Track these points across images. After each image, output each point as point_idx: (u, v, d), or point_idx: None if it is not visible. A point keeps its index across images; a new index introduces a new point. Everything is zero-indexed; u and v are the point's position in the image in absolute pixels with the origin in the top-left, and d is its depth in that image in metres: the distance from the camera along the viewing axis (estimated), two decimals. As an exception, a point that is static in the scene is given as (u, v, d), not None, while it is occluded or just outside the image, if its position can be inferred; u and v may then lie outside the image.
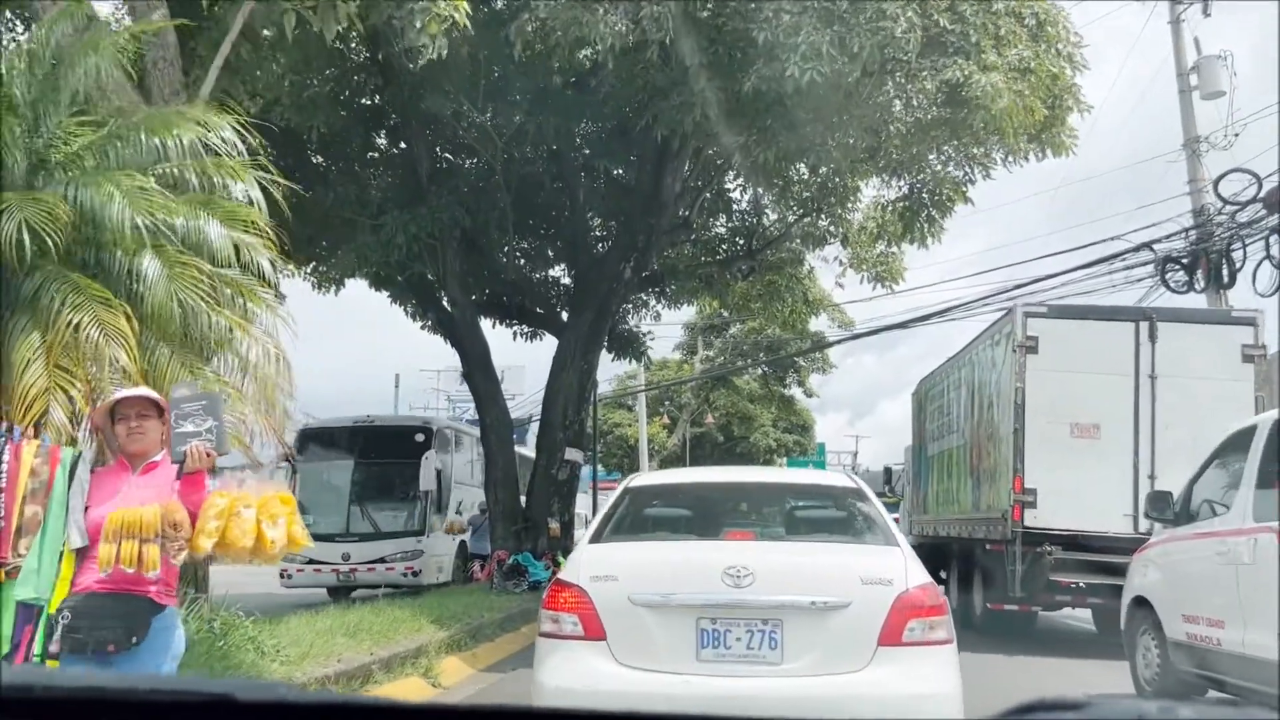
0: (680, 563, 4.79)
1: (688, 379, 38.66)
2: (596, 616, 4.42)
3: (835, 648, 4.30)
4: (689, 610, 4.38)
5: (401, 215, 14.17)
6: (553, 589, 4.72)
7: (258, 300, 5.52)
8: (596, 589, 4.48)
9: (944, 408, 14.98)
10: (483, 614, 10.64)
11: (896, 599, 4.31)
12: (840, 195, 17.10)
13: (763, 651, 4.31)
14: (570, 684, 4.31)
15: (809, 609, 4.35)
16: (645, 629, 4.40)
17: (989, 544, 12.02)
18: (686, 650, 4.34)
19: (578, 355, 16.20)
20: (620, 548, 5.04)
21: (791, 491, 6.23)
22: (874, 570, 4.50)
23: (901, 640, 4.26)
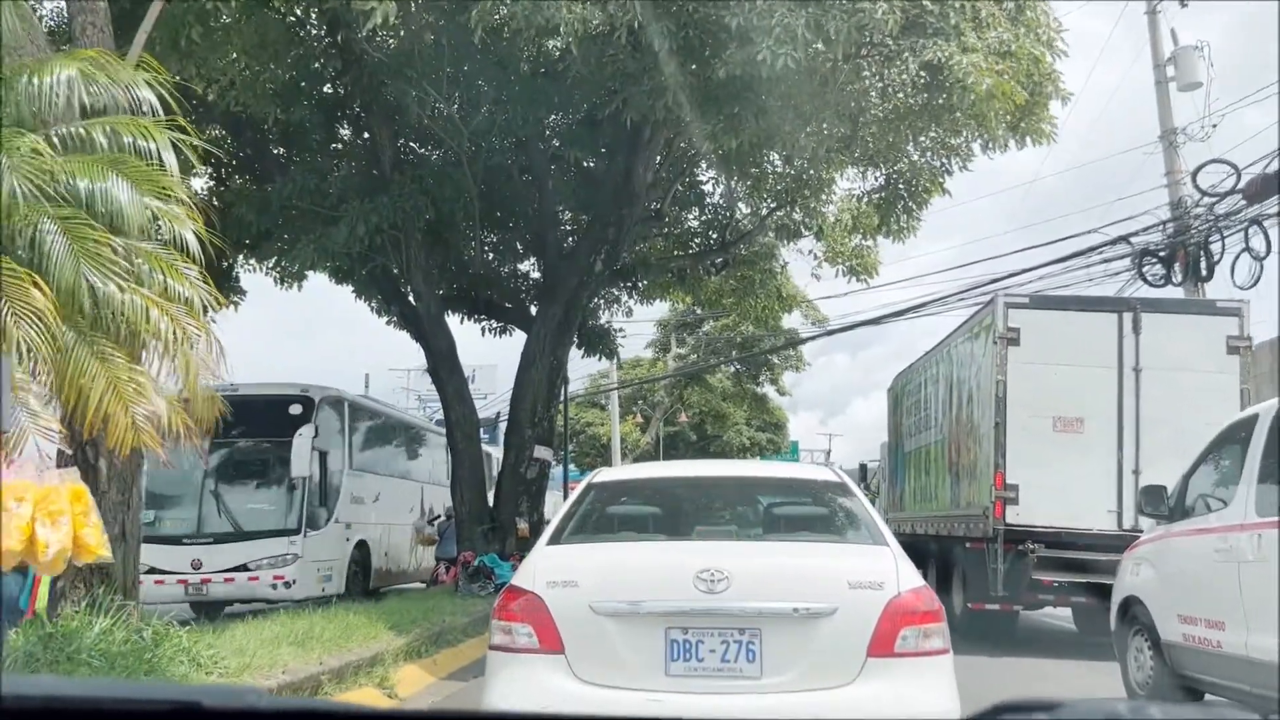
0: (648, 566, 4.32)
1: (660, 377, 38.28)
2: (554, 627, 3.94)
3: (820, 659, 3.89)
4: (657, 619, 3.93)
5: (362, 205, 13.67)
6: (505, 596, 4.22)
7: (179, 276, 5.02)
8: (554, 596, 4.01)
9: (921, 403, 14.66)
10: (445, 618, 10.18)
11: (888, 605, 3.90)
12: (815, 187, 16.75)
13: (739, 664, 3.88)
14: (522, 704, 3.80)
15: (791, 616, 3.93)
16: (608, 641, 3.94)
17: (969, 542, 11.69)
18: (654, 664, 3.89)
19: (546, 350, 15.75)
20: (581, 550, 4.57)
21: (769, 486, 5.72)
22: (862, 573, 4.07)
23: (894, 650, 3.85)
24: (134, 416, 4.26)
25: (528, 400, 15.66)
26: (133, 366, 4.40)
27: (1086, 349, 10.69)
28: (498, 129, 15.42)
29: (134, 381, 4.34)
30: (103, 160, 4.51)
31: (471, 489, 15.40)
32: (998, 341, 10.83)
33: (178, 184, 4.83)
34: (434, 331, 15.53)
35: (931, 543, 13.94)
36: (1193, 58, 16.78)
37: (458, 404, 15.69)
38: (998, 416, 10.75)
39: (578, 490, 5.24)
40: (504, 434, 16.95)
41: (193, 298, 4.99)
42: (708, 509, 5.59)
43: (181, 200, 4.89)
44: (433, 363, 15.81)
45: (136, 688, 2.20)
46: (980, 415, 11.39)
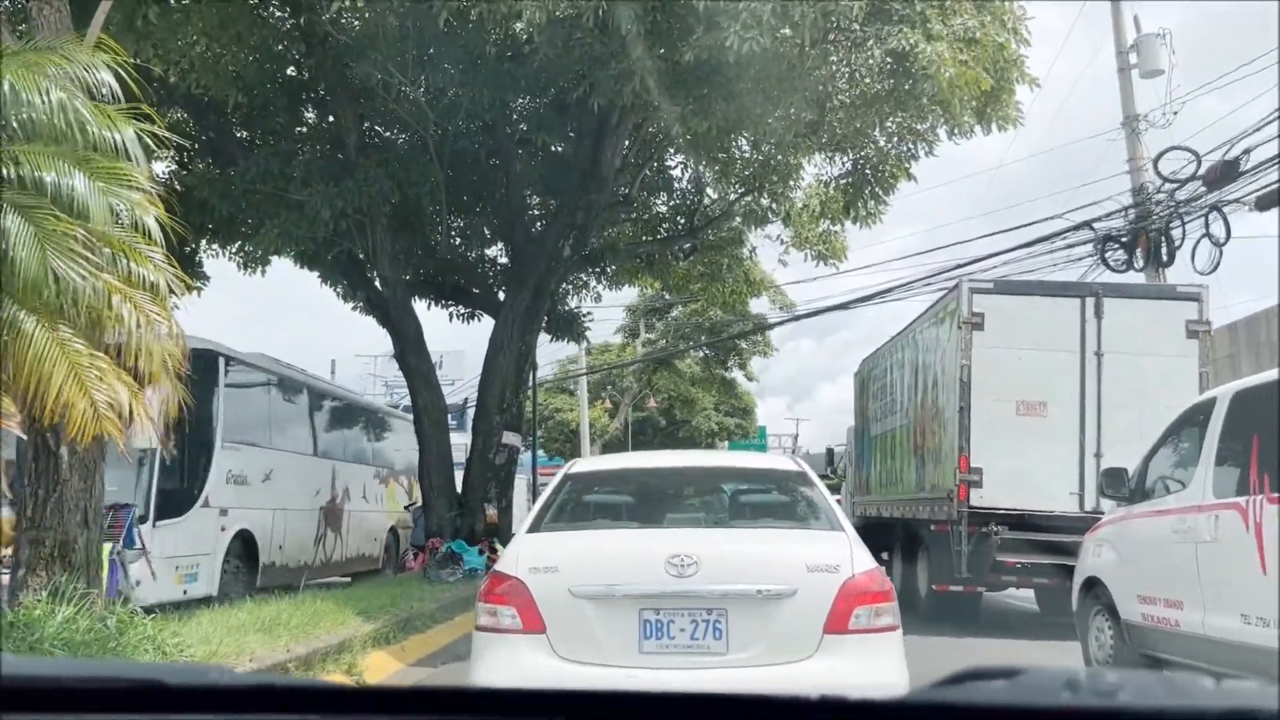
0: (622, 552, 4.56)
1: (629, 362, 38.29)
2: (535, 609, 4.21)
3: (781, 637, 4.15)
4: (631, 601, 4.18)
5: (327, 189, 13.52)
6: (490, 580, 4.49)
7: (142, 260, 4.93)
8: (535, 580, 4.27)
9: (887, 388, 14.78)
10: (413, 604, 10.15)
11: (843, 586, 4.18)
12: (783, 173, 16.79)
13: (707, 642, 4.13)
14: (507, 680, 3.98)
15: (754, 598, 4.18)
16: (586, 621, 4.20)
17: (934, 524, 11.82)
18: (629, 642, 4.15)
19: (515, 336, 15.70)
20: (560, 537, 4.87)
21: (735, 476, 6.08)
22: (820, 557, 4.33)
23: (848, 628, 4.14)
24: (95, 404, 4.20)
25: (496, 386, 15.61)
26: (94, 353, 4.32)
27: (1049, 334, 10.83)
28: (464, 113, 15.30)
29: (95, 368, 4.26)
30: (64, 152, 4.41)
31: (440, 474, 15.34)
32: (962, 326, 10.94)
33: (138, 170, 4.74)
34: (401, 316, 15.43)
35: (897, 525, 14.09)
36: (1155, 45, 16.97)
37: (425, 390, 15.62)
38: (962, 401, 10.87)
39: (555, 480, 5.46)
40: (472, 420, 16.87)
41: (158, 282, 4.91)
42: (678, 497, 5.76)
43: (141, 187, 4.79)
44: (399, 348, 15.71)
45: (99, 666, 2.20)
46: (945, 399, 11.50)
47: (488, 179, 17.24)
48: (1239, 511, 5.33)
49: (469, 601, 11.92)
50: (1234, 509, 5.37)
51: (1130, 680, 1.03)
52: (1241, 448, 5.44)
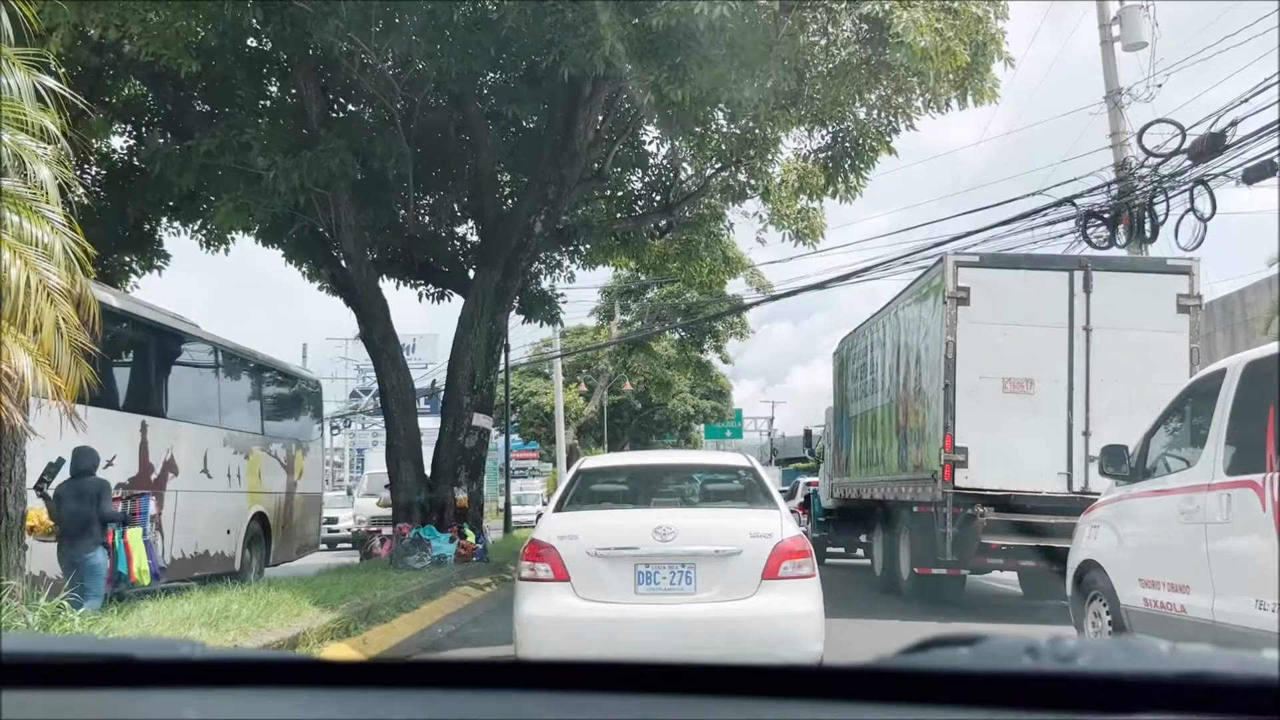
0: (622, 525, 6.21)
1: (605, 344, 37.80)
2: (563, 565, 5.77)
3: (732, 582, 5.77)
4: (629, 558, 5.80)
5: (284, 161, 12.94)
6: (530, 546, 5.99)
7: (37, 219, 4.40)
8: (562, 545, 5.84)
9: (867, 366, 14.41)
10: (377, 593, 9.71)
11: (775, 547, 5.81)
12: (760, 147, 16.36)
13: (681, 586, 5.77)
14: (545, 613, 5.72)
15: (714, 555, 5.82)
16: (598, 573, 5.79)
17: (917, 506, 11.48)
18: (628, 586, 5.77)
19: (485, 314, 15.21)
20: (578, 515, 6.40)
21: (702, 470, 7.95)
22: (759, 527, 5.98)
23: (779, 575, 5.75)
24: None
25: (466, 366, 15.13)
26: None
27: (1037, 308, 10.47)
28: (431, 84, 14.76)
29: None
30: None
31: (408, 458, 14.85)
32: (947, 301, 10.56)
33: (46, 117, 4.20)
34: (366, 295, 14.90)
35: (878, 507, 13.75)
36: (1138, 17, 16.61)
37: (392, 370, 15.11)
38: (947, 378, 10.51)
39: (570, 474, 7.21)
40: (441, 402, 16.37)
41: (54, 244, 4.37)
42: (660, 485, 7.47)
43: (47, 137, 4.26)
44: (365, 327, 15.19)
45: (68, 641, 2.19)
46: (929, 377, 11.14)
47: (457, 154, 16.70)
48: (1254, 490, 4.96)
49: (435, 589, 11.53)
50: (1248, 487, 5.01)
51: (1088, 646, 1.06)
52: (1256, 422, 5.06)
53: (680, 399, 46.98)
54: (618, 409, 47.14)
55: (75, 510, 8.22)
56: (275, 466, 14.68)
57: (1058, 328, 10.45)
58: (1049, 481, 10.29)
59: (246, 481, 13.66)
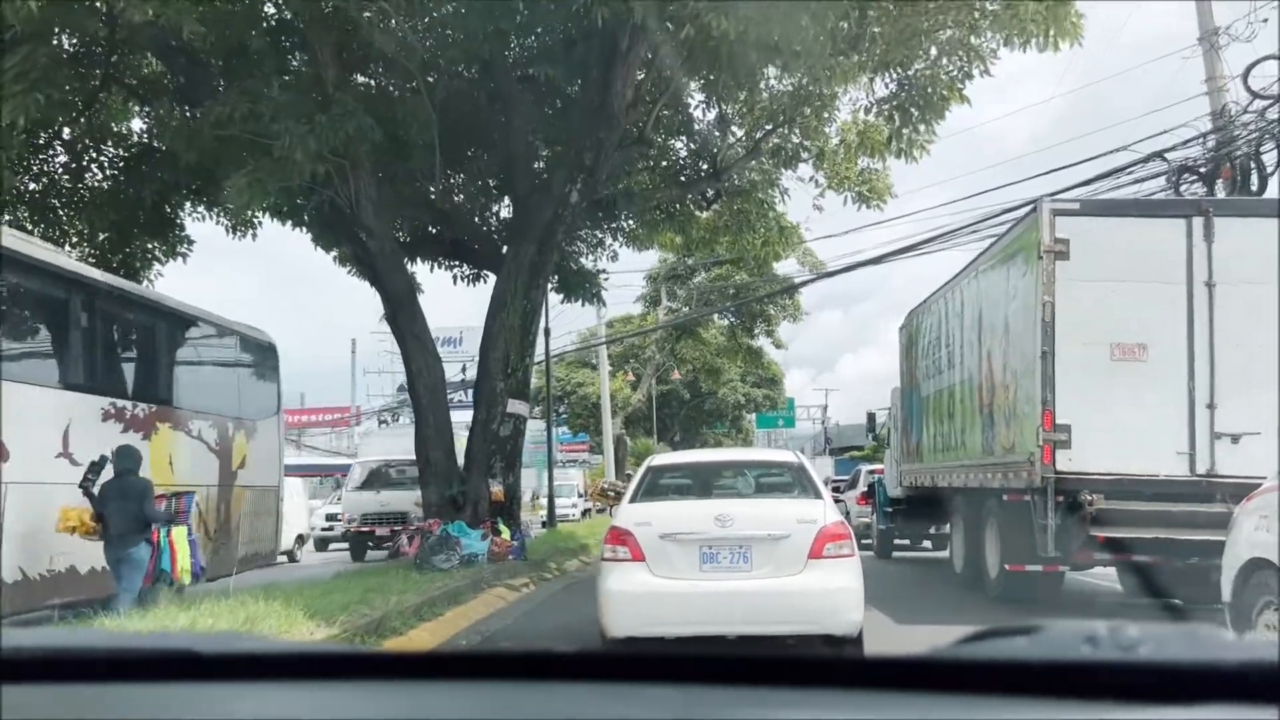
0: (688, 513, 6.91)
1: (652, 328, 36.46)
2: (639, 547, 6.56)
3: (783, 561, 6.50)
4: (695, 541, 6.56)
5: (298, 127, 11.82)
6: (611, 532, 6.81)
7: None
8: (638, 530, 6.63)
9: (942, 339, 12.97)
10: (391, 599, 8.54)
11: (819, 531, 6.53)
12: (816, 105, 14.96)
13: (739, 564, 6.53)
14: (625, 588, 6.52)
15: (766, 538, 6.56)
16: (668, 553, 6.55)
17: (1007, 494, 10.06)
18: (694, 565, 6.54)
19: (519, 292, 14.01)
20: (650, 505, 7.18)
21: (755, 465, 8.84)
22: (805, 514, 6.70)
23: (823, 555, 6.46)
24: None
25: (499, 348, 13.95)
26: None
27: (1149, 262, 9.00)
28: (458, 46, 13.62)
29: None
30: None
31: (438, 448, 13.71)
32: (1043, 256, 9.13)
33: None
34: (390, 273, 13.76)
35: (956, 496, 12.33)
36: (1237, -53, 14.92)
37: (419, 354, 13.96)
38: (1045, 345, 9.07)
39: (641, 470, 7.98)
40: (474, 386, 15.20)
41: None
42: (719, 478, 8.30)
43: None
44: (390, 309, 14.05)
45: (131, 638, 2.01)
46: (1021, 346, 9.70)
47: (487, 124, 15.49)
48: None
49: (462, 593, 10.37)
50: None
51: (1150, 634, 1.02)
52: None
53: (731, 387, 45.56)
54: (666, 399, 45.84)
55: (119, 509, 8.43)
56: (199, 451, 11.33)
57: (1174, 284, 8.98)
58: (1167, 463, 8.84)
59: (150, 468, 10.20)
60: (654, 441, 42.94)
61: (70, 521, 8.83)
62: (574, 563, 16.06)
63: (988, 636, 1.11)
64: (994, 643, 1.09)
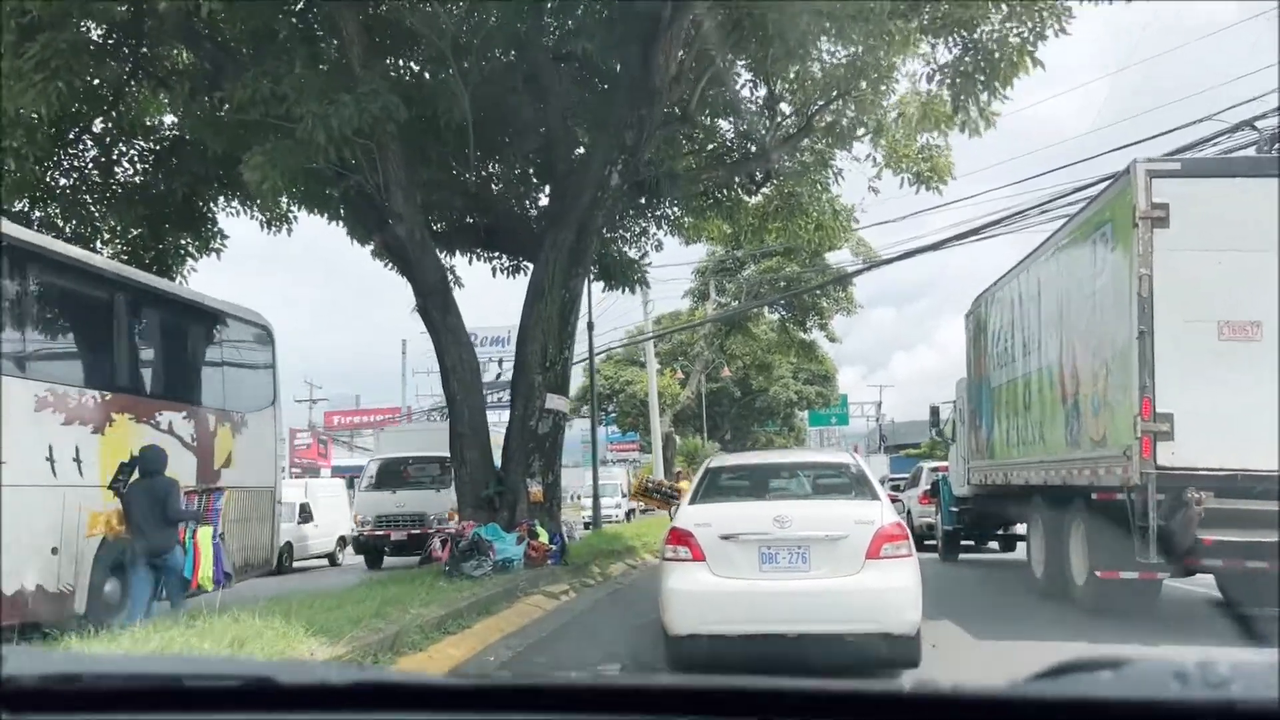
0: (747, 514, 7.08)
1: (700, 322, 35.49)
2: (700, 547, 6.74)
3: (840, 561, 6.64)
4: (754, 541, 6.73)
5: (321, 107, 11.13)
6: (672, 532, 7.01)
7: None
8: (698, 531, 6.81)
9: (1015, 324, 11.91)
10: (410, 611, 7.75)
11: (876, 532, 6.67)
12: (873, 79, 13.97)
13: (797, 564, 6.68)
14: (686, 587, 6.68)
15: (824, 539, 6.70)
16: (728, 553, 6.73)
17: (1096, 492, 9.02)
18: (753, 565, 6.70)
19: (557, 280, 13.20)
20: (711, 506, 7.29)
21: (812, 467, 8.69)
22: (862, 515, 6.88)
23: (880, 555, 6.61)
24: None
25: (536, 340, 13.15)
26: None
27: (1262, 228, 7.90)
28: (493, 24, 12.88)
29: None
30: None
31: (473, 446, 12.94)
32: (1138, 224, 8.08)
33: None
34: (421, 261, 13.02)
35: (1035, 495, 11.27)
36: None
37: (453, 346, 13.21)
38: (1141, 324, 8.04)
39: (700, 472, 8.15)
40: (511, 381, 14.41)
41: None
42: (777, 480, 8.36)
43: None
44: (421, 299, 13.31)
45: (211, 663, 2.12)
46: (1112, 327, 8.66)
47: (522, 106, 14.70)
48: None
49: (494, 602, 9.56)
50: None
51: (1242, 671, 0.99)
52: None
53: (783, 384, 44.44)
54: (716, 396, 44.83)
55: (146, 511, 8.29)
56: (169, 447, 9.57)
57: (1293, 252, 7.88)
58: (1287, 456, 7.74)
59: (100, 469, 8.88)
60: (703, 440, 41.99)
61: (98, 525, 8.61)
62: (619, 566, 15.22)
63: (1071, 670, 1.07)
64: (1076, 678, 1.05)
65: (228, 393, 11.56)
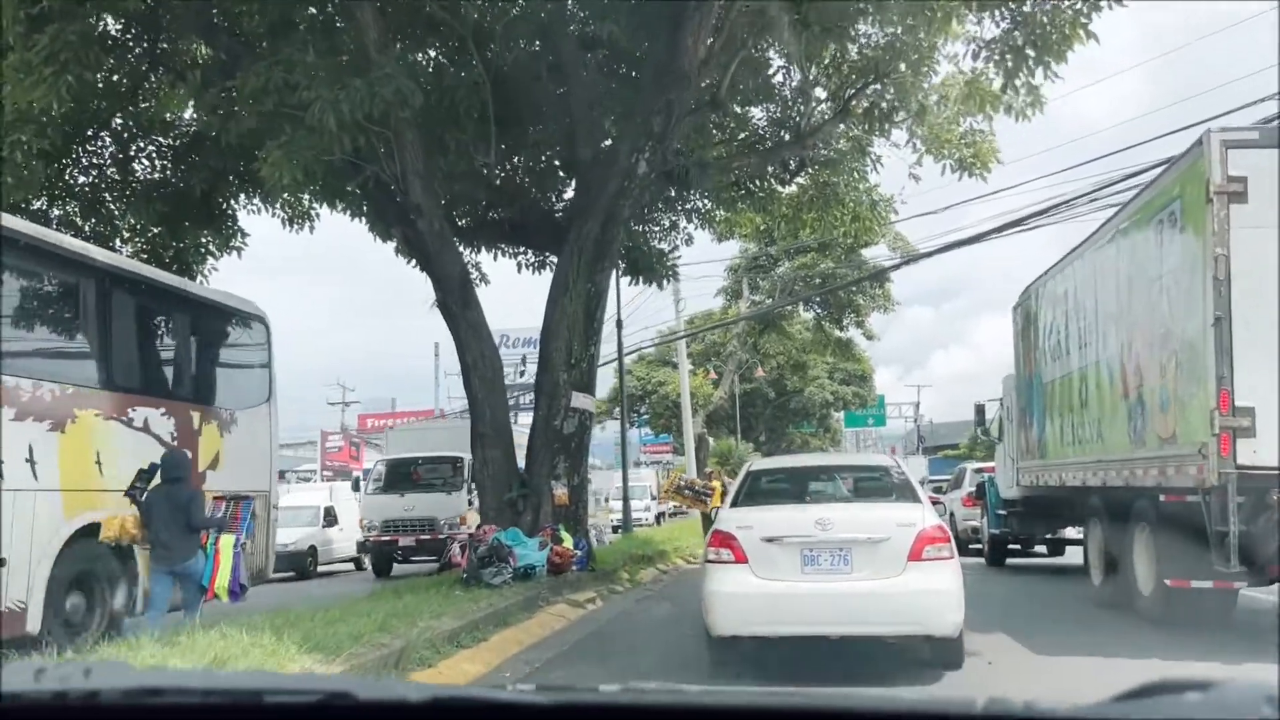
0: (789, 517, 7.08)
1: (732, 320, 34.78)
2: (742, 550, 6.76)
3: (882, 563, 6.61)
4: (796, 544, 6.73)
5: (332, 93, 10.63)
6: (714, 535, 7.09)
7: None
8: (740, 533, 6.84)
9: (1068, 316, 11.17)
10: (420, 623, 7.20)
11: (918, 534, 6.63)
12: (913, 60, 13.28)
13: (839, 567, 6.66)
14: (728, 589, 6.71)
15: (866, 542, 6.67)
16: (771, 556, 6.74)
17: (1165, 493, 8.30)
18: (795, 567, 6.70)
19: (582, 273, 12.63)
20: (752, 509, 7.38)
21: (853, 470, 9.02)
22: (904, 517, 6.85)
23: (922, 557, 6.57)
24: None
25: (561, 336, 12.58)
26: None
27: (1354, 202, 7.17)
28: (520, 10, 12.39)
29: None
30: None
31: (495, 446, 12.39)
32: (1213, 199, 7.36)
33: None
34: (440, 253, 12.49)
35: (1093, 497, 10.53)
36: None
37: (474, 343, 12.67)
38: (1217, 310, 7.31)
39: (741, 474, 8.41)
40: (535, 379, 13.83)
41: None
42: (817, 483, 8.40)
43: None
44: (441, 294, 12.78)
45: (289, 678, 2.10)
46: (1183, 314, 7.92)
47: (546, 95, 14.15)
48: None
49: (513, 612, 8.98)
50: None
51: None
52: None
53: (818, 384, 43.59)
54: (750, 397, 44.08)
55: (167, 518, 8.04)
56: (145, 447, 8.89)
57: (1389, 229, 7.13)
58: (1385, 455, 6.99)
59: (59, 471, 8.09)
60: (737, 441, 41.27)
61: (113, 530, 8.28)
62: (649, 572, 14.62)
63: (1156, 692, 1.01)
64: (1160, 700, 0.99)
65: (215, 388, 10.71)
